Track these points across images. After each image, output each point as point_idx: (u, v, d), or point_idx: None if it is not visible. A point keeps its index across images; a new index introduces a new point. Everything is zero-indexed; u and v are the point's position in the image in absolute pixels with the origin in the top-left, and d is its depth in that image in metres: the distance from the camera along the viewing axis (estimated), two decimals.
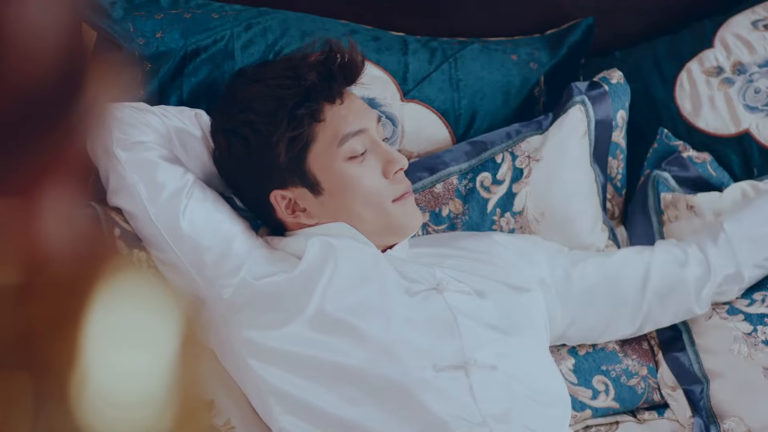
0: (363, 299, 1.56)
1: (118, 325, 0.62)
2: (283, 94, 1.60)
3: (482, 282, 1.65)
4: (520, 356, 1.60)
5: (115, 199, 1.61)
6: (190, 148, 1.66)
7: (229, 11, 1.85)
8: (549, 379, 1.62)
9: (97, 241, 0.75)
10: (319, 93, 1.61)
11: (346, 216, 1.62)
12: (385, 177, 1.63)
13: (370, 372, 1.51)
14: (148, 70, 1.74)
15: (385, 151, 1.64)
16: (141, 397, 0.62)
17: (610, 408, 1.78)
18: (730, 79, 1.98)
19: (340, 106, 1.63)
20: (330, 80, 1.62)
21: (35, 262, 0.60)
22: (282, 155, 1.59)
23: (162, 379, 0.63)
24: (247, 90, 1.64)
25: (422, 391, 1.50)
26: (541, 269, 1.73)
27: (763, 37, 2.00)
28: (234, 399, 1.58)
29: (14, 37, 0.57)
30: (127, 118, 1.60)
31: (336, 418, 1.50)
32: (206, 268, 1.56)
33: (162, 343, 0.63)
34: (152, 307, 0.64)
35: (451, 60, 1.94)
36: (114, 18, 1.77)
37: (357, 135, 1.62)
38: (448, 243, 1.75)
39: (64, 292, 0.61)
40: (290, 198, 1.62)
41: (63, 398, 0.59)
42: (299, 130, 1.59)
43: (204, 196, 1.61)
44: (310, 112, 1.60)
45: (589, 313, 1.75)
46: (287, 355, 1.52)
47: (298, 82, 1.61)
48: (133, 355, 0.62)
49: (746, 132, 1.95)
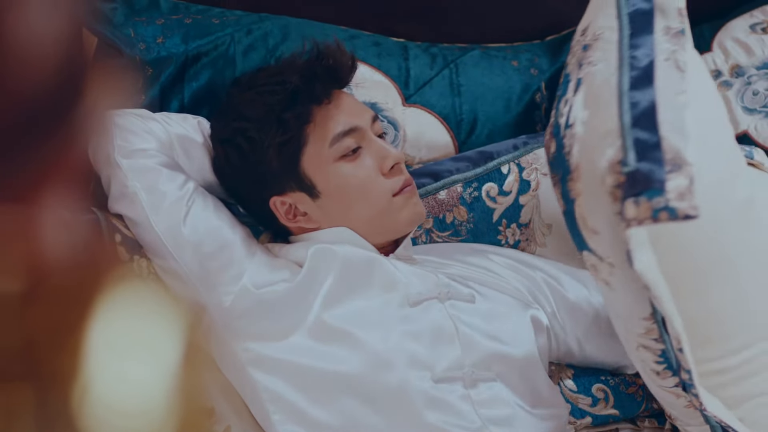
0: (363, 309, 1.56)
1: (120, 333, 0.62)
2: (271, 100, 1.60)
3: (484, 291, 1.65)
4: (520, 366, 1.59)
5: (116, 206, 1.61)
6: (193, 155, 1.66)
7: (230, 17, 1.85)
8: (548, 390, 1.62)
9: (98, 249, 0.75)
10: (305, 95, 1.61)
11: (347, 217, 1.62)
12: (381, 173, 1.62)
13: (368, 382, 1.51)
14: (150, 75, 1.74)
15: (379, 147, 1.63)
16: (142, 405, 0.61)
17: (609, 415, 1.77)
18: (729, 81, 1.99)
19: (328, 107, 1.62)
20: (314, 81, 1.61)
21: (36, 271, 0.60)
22: (274, 160, 1.59)
23: (164, 388, 0.62)
24: (241, 98, 1.64)
25: (420, 401, 1.50)
26: (541, 298, 1.72)
27: (760, 40, 2.00)
28: (234, 406, 1.58)
29: (14, 44, 0.57)
30: (128, 125, 1.60)
31: (333, 427, 1.50)
32: (207, 276, 1.56)
33: (164, 352, 0.63)
34: (154, 315, 0.64)
35: (452, 65, 1.95)
36: (115, 23, 1.77)
37: (348, 134, 1.61)
38: (450, 256, 1.74)
39: (64, 301, 0.61)
40: (290, 203, 1.62)
41: (65, 407, 0.59)
42: (288, 134, 1.59)
43: (205, 203, 1.60)
44: (296, 114, 1.60)
45: (593, 336, 1.74)
46: (286, 364, 1.52)
47: (284, 86, 1.61)
48: (134, 364, 0.62)
49: (745, 133, 1.95)
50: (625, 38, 1.42)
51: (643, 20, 1.44)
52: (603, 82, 1.39)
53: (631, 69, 1.37)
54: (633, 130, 1.29)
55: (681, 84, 1.36)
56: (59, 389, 0.59)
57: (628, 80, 1.35)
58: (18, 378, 0.59)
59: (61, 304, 0.61)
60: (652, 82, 1.34)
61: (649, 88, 1.33)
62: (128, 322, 0.63)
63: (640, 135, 1.28)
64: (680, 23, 1.45)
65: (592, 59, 1.45)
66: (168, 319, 0.64)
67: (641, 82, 1.35)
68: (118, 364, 0.61)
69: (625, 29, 1.44)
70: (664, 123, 1.29)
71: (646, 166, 1.24)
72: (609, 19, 1.48)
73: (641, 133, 1.28)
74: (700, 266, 1.46)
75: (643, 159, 1.25)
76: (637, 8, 1.46)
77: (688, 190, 1.21)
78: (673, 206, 1.20)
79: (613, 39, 1.44)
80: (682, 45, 1.42)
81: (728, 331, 1.48)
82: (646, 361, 1.44)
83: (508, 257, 1.76)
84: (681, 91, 1.34)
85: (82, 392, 0.59)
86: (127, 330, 0.62)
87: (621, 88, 1.35)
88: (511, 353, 1.59)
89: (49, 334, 0.59)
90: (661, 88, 1.33)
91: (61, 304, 0.61)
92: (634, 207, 1.22)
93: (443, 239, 1.83)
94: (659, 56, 1.38)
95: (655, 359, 1.42)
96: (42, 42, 0.58)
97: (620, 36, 1.43)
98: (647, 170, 1.24)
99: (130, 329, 0.62)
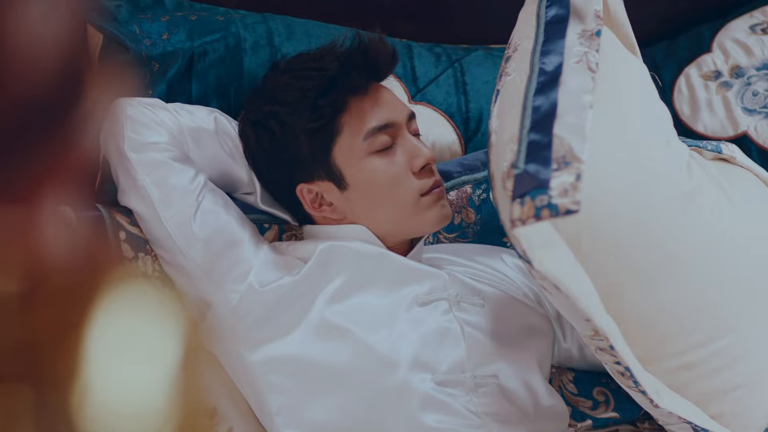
0: (370, 306, 1.55)
1: (121, 334, 0.62)
2: (307, 85, 1.58)
3: (492, 291, 1.64)
4: (522, 369, 1.59)
5: (125, 199, 1.60)
6: (204, 144, 1.64)
7: (234, 15, 1.85)
8: (549, 393, 1.61)
9: (100, 249, 0.75)
10: (342, 83, 1.58)
11: (372, 212, 1.60)
12: (411, 171, 1.60)
13: (367, 381, 1.51)
14: (156, 71, 1.74)
15: (412, 146, 1.60)
16: (143, 406, 0.61)
17: (610, 418, 1.77)
18: (728, 82, 1.99)
19: (364, 98, 1.60)
20: (352, 71, 1.59)
21: (36, 271, 0.60)
22: (305, 146, 1.58)
23: (164, 389, 0.62)
24: (276, 81, 1.62)
25: (418, 403, 1.50)
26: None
27: (760, 41, 2.00)
28: (236, 406, 1.58)
29: (16, 42, 0.57)
30: (140, 116, 1.59)
31: (333, 427, 1.50)
32: (215, 272, 1.55)
33: (164, 353, 0.63)
34: (155, 316, 0.64)
35: (457, 65, 1.95)
36: (119, 20, 1.77)
37: (383, 129, 1.59)
38: (461, 254, 1.72)
39: (65, 302, 0.61)
40: (316, 192, 1.61)
41: (65, 408, 0.59)
42: (321, 120, 1.57)
43: (215, 199, 1.59)
44: (331, 102, 1.57)
45: None
46: (289, 363, 1.52)
47: (322, 72, 1.59)
48: (135, 365, 0.62)
49: (744, 134, 1.95)
50: (538, 46, 1.43)
51: (557, 27, 1.45)
52: (513, 90, 1.39)
53: (540, 75, 1.37)
54: (530, 134, 1.29)
55: (589, 84, 1.36)
56: (59, 390, 0.59)
57: (535, 86, 1.36)
58: (18, 379, 0.59)
59: (62, 305, 0.61)
60: (557, 86, 1.34)
61: (553, 91, 1.34)
62: (129, 323, 0.63)
63: (534, 137, 1.29)
64: (597, 25, 1.45)
65: (508, 70, 1.46)
66: (169, 319, 0.64)
67: (547, 86, 1.35)
68: (118, 365, 0.61)
69: (540, 37, 1.44)
70: (560, 123, 1.29)
71: (533, 166, 1.24)
72: (528, 29, 1.48)
73: (536, 135, 1.29)
74: (640, 261, 1.45)
75: (532, 160, 1.26)
76: (554, 15, 1.47)
77: (573, 186, 1.21)
78: (555, 203, 1.20)
79: (528, 48, 1.44)
80: (596, 46, 1.42)
81: (686, 325, 1.47)
82: (608, 363, 1.43)
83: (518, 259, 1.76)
84: (587, 90, 1.35)
85: (82, 393, 0.59)
86: (128, 331, 0.62)
87: (527, 95, 1.36)
88: (514, 355, 1.59)
89: (49, 335, 0.60)
90: (566, 90, 1.33)
91: (61, 304, 0.61)
92: (519, 207, 1.22)
93: (450, 241, 1.83)
94: (570, 60, 1.39)
95: (615, 360, 1.41)
96: (43, 41, 0.58)
97: (534, 45, 1.44)
98: (534, 171, 1.24)
99: (131, 330, 0.62)
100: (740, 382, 1.49)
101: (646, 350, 1.46)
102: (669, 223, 1.47)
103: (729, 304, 1.50)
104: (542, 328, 1.66)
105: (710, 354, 1.48)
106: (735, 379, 1.49)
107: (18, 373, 0.59)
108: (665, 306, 1.46)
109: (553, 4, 1.48)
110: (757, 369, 1.50)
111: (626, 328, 1.44)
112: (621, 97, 1.52)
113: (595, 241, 1.41)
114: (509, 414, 1.54)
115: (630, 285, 1.45)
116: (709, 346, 1.48)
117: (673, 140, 1.58)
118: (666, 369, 1.47)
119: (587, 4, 1.47)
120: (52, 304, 0.60)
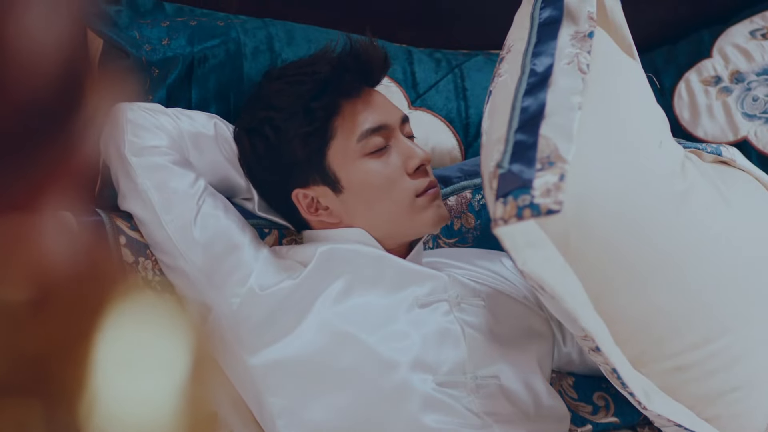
0: (370, 307, 1.55)
1: (126, 342, 0.61)
2: (300, 89, 1.59)
3: (493, 294, 1.65)
4: (523, 371, 1.59)
5: (125, 204, 1.60)
6: (204, 149, 1.65)
7: (235, 20, 1.86)
8: (550, 396, 1.61)
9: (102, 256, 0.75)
10: (334, 87, 1.59)
11: (369, 214, 1.61)
12: (406, 173, 1.61)
13: (367, 381, 1.51)
14: (156, 76, 1.74)
15: (406, 147, 1.62)
16: (150, 416, 0.61)
17: (610, 423, 1.77)
18: (729, 87, 1.99)
19: (357, 102, 1.61)
20: (344, 74, 1.60)
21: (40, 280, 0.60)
22: (299, 151, 1.59)
23: (171, 399, 0.62)
24: (270, 87, 1.64)
25: (418, 403, 1.50)
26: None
27: (761, 46, 2.01)
28: (237, 409, 1.58)
29: (17, 47, 0.57)
30: (140, 120, 1.59)
31: (333, 427, 1.50)
32: (215, 276, 1.55)
33: (172, 362, 0.63)
34: (160, 323, 0.64)
35: (457, 70, 1.95)
36: (119, 25, 1.77)
37: (377, 131, 1.60)
38: (461, 258, 1.73)
39: (69, 312, 0.60)
40: (312, 197, 1.61)
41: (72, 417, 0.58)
42: (315, 124, 1.58)
43: (215, 203, 1.60)
44: (324, 105, 1.58)
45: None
46: (290, 365, 1.52)
47: (314, 76, 1.60)
48: (142, 375, 0.61)
49: (745, 139, 1.96)
50: (530, 47, 1.43)
51: (550, 29, 1.45)
52: (504, 91, 1.40)
53: (530, 76, 1.38)
54: (516, 134, 1.30)
55: (578, 85, 1.36)
56: (66, 402, 0.59)
57: (525, 87, 1.36)
58: (27, 391, 0.58)
59: (63, 312, 0.60)
60: (547, 87, 1.35)
61: (542, 92, 1.34)
62: (134, 331, 0.62)
63: (520, 137, 1.29)
64: (590, 27, 1.46)
65: (500, 71, 1.46)
66: (175, 327, 0.64)
67: (536, 87, 1.36)
68: (125, 375, 0.61)
69: (532, 39, 1.45)
70: (547, 124, 1.29)
71: (518, 166, 1.25)
72: (522, 31, 1.49)
73: (522, 135, 1.29)
74: (633, 261, 1.44)
75: (517, 160, 1.26)
76: (548, 16, 1.47)
77: (555, 187, 1.21)
78: (537, 203, 1.20)
79: (521, 49, 1.45)
80: (588, 48, 1.42)
81: (680, 326, 1.47)
82: (601, 364, 1.43)
83: None
84: (577, 91, 1.35)
85: (90, 404, 0.59)
86: (134, 339, 0.62)
87: (516, 95, 1.36)
88: (515, 356, 1.59)
89: (55, 345, 0.59)
90: (555, 91, 1.34)
91: (63, 312, 0.60)
92: (501, 207, 1.22)
93: (450, 246, 1.83)
94: (561, 61, 1.39)
95: (605, 361, 1.41)
96: (44, 46, 0.58)
97: (527, 46, 1.44)
98: (518, 170, 1.24)
99: (137, 338, 0.62)
100: (738, 383, 1.49)
101: (640, 352, 1.46)
102: (662, 223, 1.47)
103: (725, 305, 1.49)
104: (542, 331, 1.66)
105: (706, 356, 1.47)
106: (732, 380, 1.49)
107: (25, 384, 0.58)
108: (659, 307, 1.46)
109: (548, 5, 1.49)
110: (756, 370, 1.50)
111: (620, 329, 1.43)
112: (613, 98, 1.52)
113: (587, 241, 1.41)
114: (510, 414, 1.55)
115: (623, 285, 1.44)
116: (704, 348, 1.47)
117: (666, 141, 1.58)
118: (661, 371, 1.47)
119: (581, 6, 1.48)
120: (54, 311, 0.60)
